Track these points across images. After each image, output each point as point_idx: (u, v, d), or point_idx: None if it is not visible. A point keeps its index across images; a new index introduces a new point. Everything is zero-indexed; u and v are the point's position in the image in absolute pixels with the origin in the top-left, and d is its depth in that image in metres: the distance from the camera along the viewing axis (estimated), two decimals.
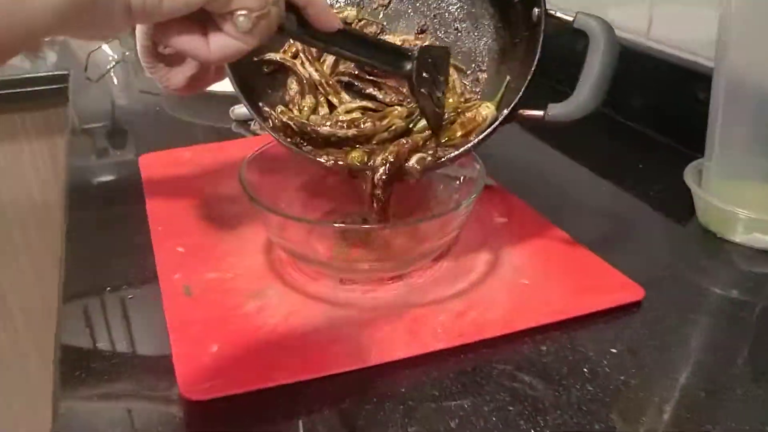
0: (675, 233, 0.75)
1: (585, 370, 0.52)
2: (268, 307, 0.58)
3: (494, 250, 0.67)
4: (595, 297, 0.59)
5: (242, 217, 0.71)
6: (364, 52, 0.57)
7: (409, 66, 0.58)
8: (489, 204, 0.75)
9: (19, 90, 1.32)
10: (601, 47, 0.58)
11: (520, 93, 0.59)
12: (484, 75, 0.69)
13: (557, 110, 0.59)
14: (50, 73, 1.31)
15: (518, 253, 0.66)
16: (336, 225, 0.60)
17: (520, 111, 0.60)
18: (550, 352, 0.54)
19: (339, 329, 0.56)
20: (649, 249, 0.70)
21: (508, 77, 0.65)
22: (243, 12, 0.46)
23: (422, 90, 0.59)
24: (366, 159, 0.60)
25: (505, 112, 0.60)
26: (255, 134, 0.97)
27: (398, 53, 0.59)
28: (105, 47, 1.47)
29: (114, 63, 1.35)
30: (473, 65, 0.70)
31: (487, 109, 0.63)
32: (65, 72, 1.30)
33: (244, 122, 1.02)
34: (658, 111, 0.96)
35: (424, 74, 0.59)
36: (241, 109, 1.02)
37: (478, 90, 0.68)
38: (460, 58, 0.69)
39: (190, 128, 1.04)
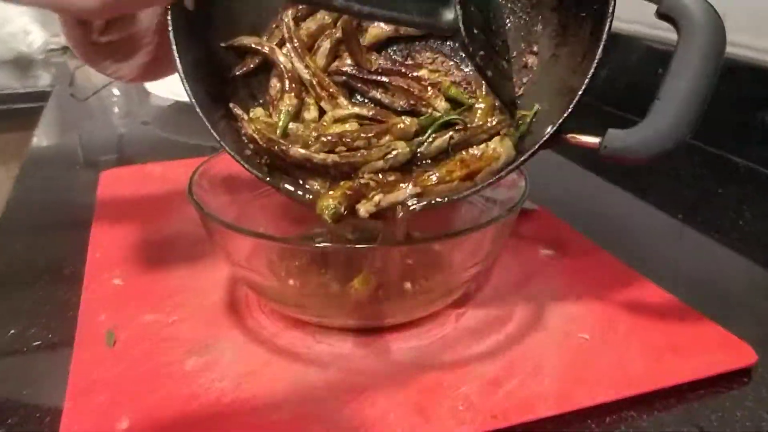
0: None
1: None
2: (216, 365, 0.41)
3: (539, 292, 0.50)
4: (686, 361, 0.42)
5: (206, 246, 0.54)
6: (384, 2, 0.39)
7: (450, 15, 0.39)
8: (532, 232, 0.58)
9: None
10: (700, 42, 0.39)
11: (576, 98, 0.41)
12: (535, 60, 0.50)
13: (622, 141, 0.40)
14: (30, 90, 1.18)
15: (573, 297, 0.49)
16: (318, 246, 0.42)
17: (570, 135, 0.42)
18: None
19: (314, 401, 0.39)
20: (754, 297, 0.53)
21: (537, 106, 0.47)
22: None
23: (480, 51, 0.41)
24: (343, 208, 0.41)
25: (549, 130, 0.42)
26: None
27: None
28: None
29: (106, 83, 1.22)
30: (521, 43, 0.51)
31: (501, 144, 0.44)
32: (48, 89, 1.17)
33: None
34: (737, 128, 0.79)
35: (475, 31, 0.41)
36: None
37: (525, 80, 0.50)
38: (501, 31, 0.51)
39: (176, 146, 0.88)
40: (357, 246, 0.42)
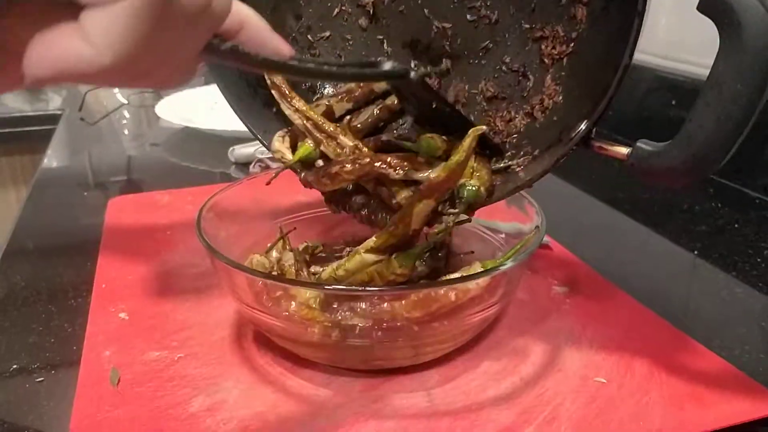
0: None
1: None
2: (223, 407, 0.40)
3: (554, 332, 0.48)
4: (709, 409, 0.40)
5: (213, 277, 0.54)
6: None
7: (389, 65, 0.32)
8: (544, 267, 0.56)
9: (7, 130, 1.18)
10: (741, 47, 0.32)
11: (620, 73, 0.36)
12: (584, 12, 0.42)
13: (655, 155, 0.36)
14: (41, 113, 1.17)
15: (588, 337, 0.47)
16: (332, 288, 0.41)
17: (598, 144, 0.39)
18: None
19: None
20: None
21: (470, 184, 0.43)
22: None
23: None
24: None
25: (584, 126, 0.38)
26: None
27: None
28: (115, 90, 1.35)
29: (116, 107, 1.22)
30: None
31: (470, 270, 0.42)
32: (58, 112, 1.17)
33: (244, 165, 0.86)
34: (752, 159, 0.78)
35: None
36: (241, 150, 0.86)
37: (574, 35, 0.43)
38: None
39: (184, 171, 0.88)
40: (367, 289, 0.41)
